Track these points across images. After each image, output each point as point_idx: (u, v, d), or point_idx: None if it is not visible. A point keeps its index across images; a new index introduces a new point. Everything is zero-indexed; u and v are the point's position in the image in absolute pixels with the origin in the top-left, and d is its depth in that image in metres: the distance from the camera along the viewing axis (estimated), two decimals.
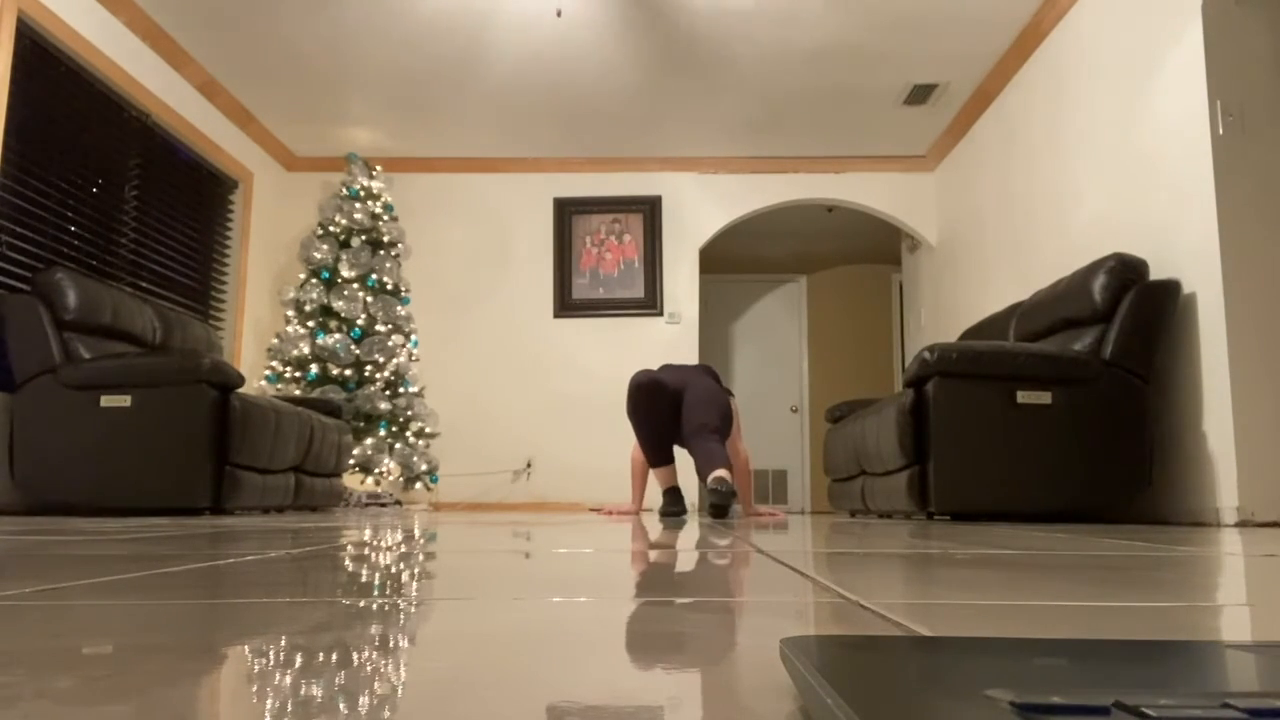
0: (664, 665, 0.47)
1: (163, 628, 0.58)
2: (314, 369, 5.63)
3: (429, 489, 5.91)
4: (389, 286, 5.92)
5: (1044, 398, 3.34)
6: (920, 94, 5.57)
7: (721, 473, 3.52)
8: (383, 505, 5.67)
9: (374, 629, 0.58)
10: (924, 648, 0.39)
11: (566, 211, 6.62)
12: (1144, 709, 0.26)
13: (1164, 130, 3.61)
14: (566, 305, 6.53)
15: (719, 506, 3.43)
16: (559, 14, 4.38)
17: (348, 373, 5.68)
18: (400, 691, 0.40)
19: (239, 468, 3.79)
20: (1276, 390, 3.17)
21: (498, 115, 5.93)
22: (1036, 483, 3.32)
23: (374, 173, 6.23)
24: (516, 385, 6.45)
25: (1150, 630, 0.59)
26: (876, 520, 3.56)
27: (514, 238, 6.61)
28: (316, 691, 0.40)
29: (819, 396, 8.41)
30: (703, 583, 0.91)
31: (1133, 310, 3.41)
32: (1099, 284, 3.51)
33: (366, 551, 1.36)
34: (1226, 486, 3.16)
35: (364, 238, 5.97)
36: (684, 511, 4.00)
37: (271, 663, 0.47)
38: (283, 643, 0.53)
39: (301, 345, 5.66)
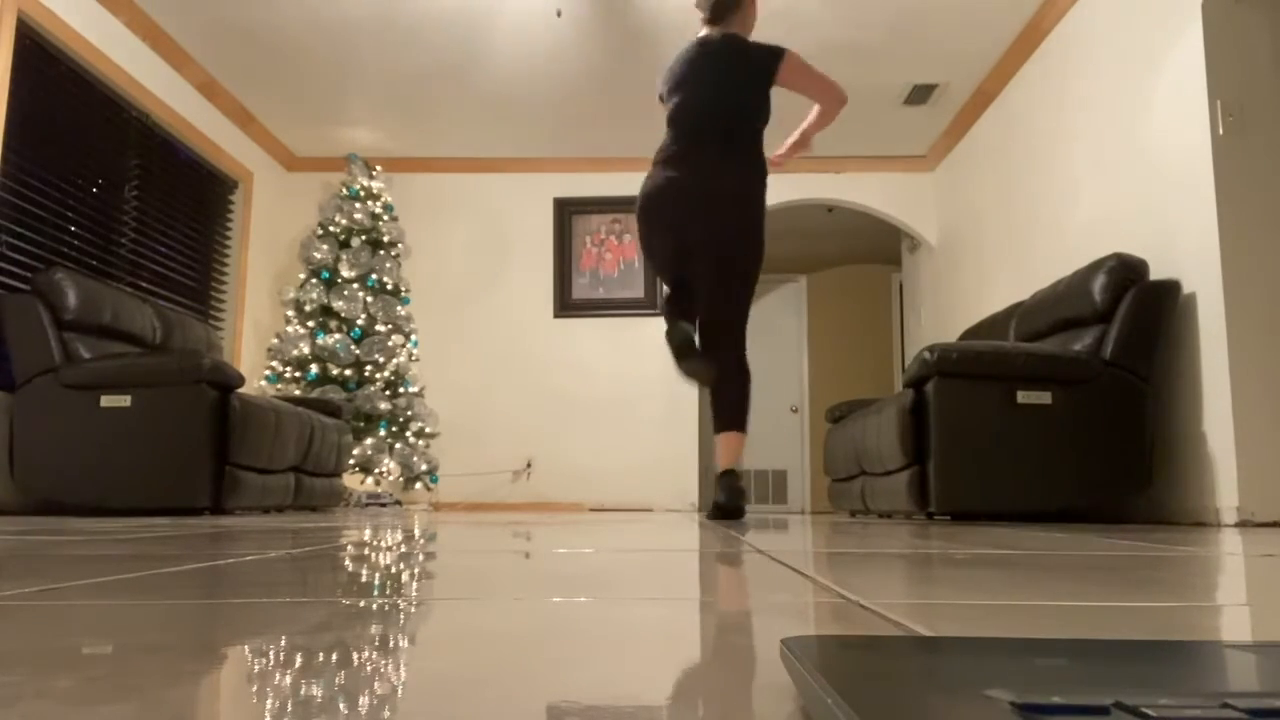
0: (664, 665, 0.47)
1: (163, 628, 0.58)
2: (314, 369, 5.63)
3: (429, 489, 5.91)
4: (389, 286, 5.92)
5: (1044, 398, 3.34)
6: (920, 94, 5.57)
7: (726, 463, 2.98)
8: (383, 505, 5.67)
9: (374, 629, 0.58)
10: (924, 648, 0.39)
11: (566, 211, 6.61)
12: (1144, 709, 0.26)
13: (1164, 130, 3.61)
14: (566, 305, 6.53)
15: (726, 507, 2.96)
16: (559, 14, 4.38)
17: (348, 373, 5.68)
18: (400, 691, 0.40)
19: (239, 468, 3.79)
20: (1276, 390, 3.17)
21: (498, 115, 5.93)
22: (1036, 483, 3.31)
23: (374, 173, 6.23)
24: (516, 385, 6.45)
25: (1150, 630, 0.59)
26: (876, 520, 3.56)
27: (514, 238, 6.61)
28: (316, 691, 0.40)
29: (819, 396, 8.41)
30: (702, 583, 0.91)
31: (1133, 310, 3.41)
32: (1099, 284, 3.51)
33: (366, 551, 1.36)
34: (1226, 486, 3.16)
35: (364, 238, 5.97)
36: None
37: (271, 663, 0.47)
38: (283, 643, 0.53)
39: (301, 345, 5.66)
